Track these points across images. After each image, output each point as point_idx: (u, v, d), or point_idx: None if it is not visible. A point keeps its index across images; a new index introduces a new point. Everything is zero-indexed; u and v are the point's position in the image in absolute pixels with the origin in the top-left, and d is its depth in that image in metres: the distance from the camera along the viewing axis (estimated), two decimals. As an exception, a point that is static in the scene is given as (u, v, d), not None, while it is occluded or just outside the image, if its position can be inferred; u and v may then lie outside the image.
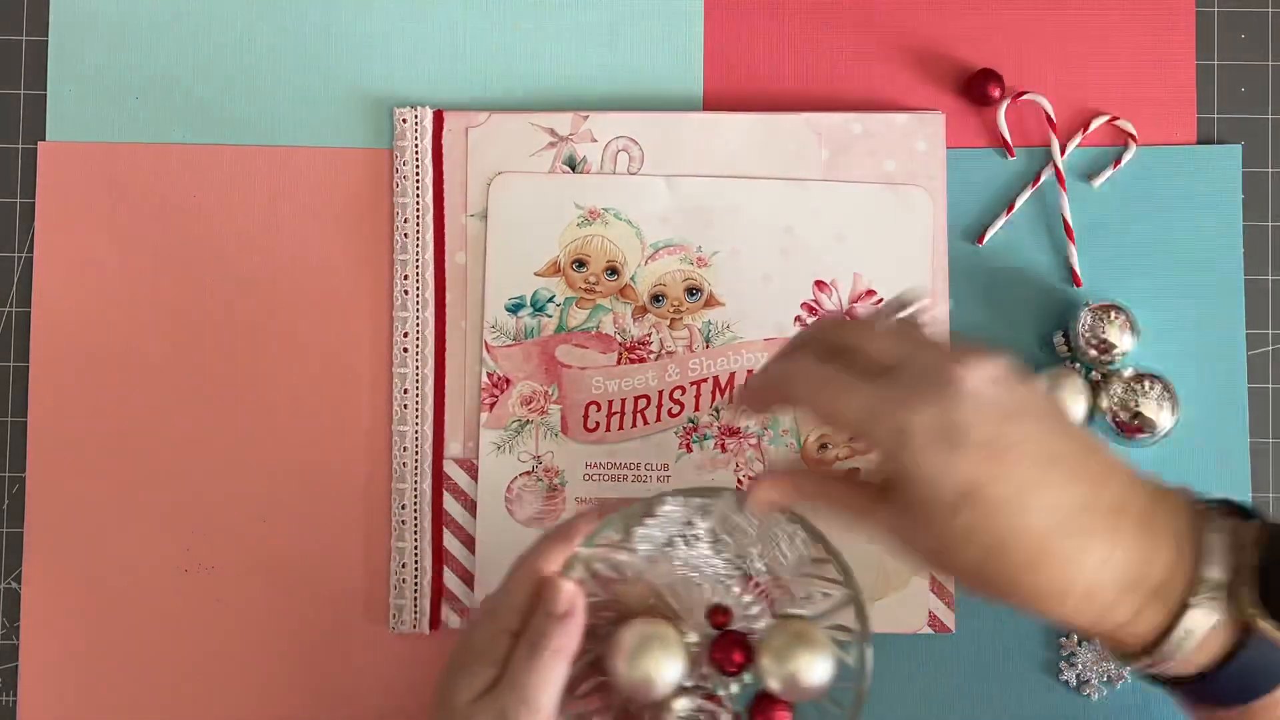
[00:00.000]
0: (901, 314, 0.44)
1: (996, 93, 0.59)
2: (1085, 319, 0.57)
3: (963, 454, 0.38)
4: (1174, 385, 0.57)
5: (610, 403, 0.59)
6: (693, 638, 0.45)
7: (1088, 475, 0.39)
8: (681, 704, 0.44)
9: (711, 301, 0.59)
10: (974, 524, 0.38)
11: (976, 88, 0.59)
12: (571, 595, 0.44)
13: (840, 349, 0.42)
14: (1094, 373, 0.57)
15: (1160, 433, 0.57)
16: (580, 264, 0.59)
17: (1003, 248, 0.60)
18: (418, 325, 0.59)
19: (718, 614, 0.45)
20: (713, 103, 0.61)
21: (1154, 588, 0.39)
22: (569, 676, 0.44)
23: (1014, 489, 0.38)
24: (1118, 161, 0.60)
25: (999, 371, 0.40)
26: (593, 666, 0.45)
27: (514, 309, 0.59)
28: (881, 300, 0.59)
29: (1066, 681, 0.58)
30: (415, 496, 0.59)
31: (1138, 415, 0.56)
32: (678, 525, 0.46)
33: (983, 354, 0.40)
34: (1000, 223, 0.60)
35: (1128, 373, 0.57)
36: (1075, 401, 0.56)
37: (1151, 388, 0.56)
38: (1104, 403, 0.57)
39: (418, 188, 0.60)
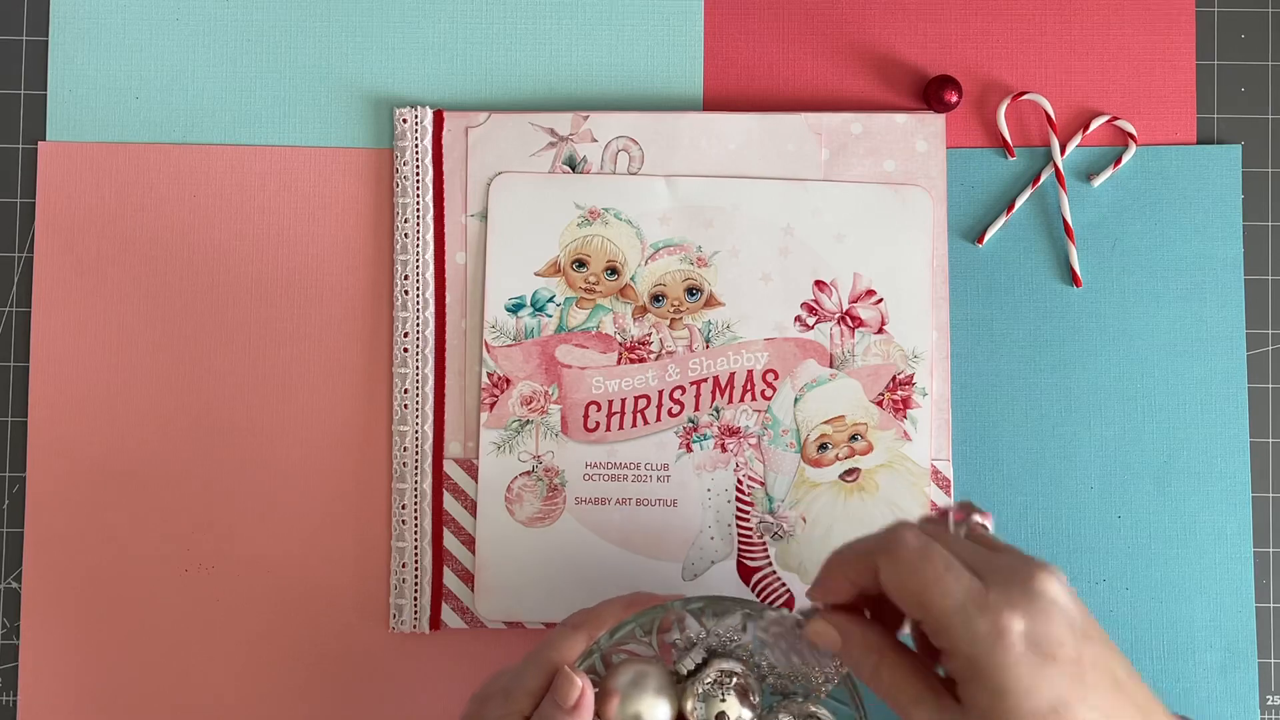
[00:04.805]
0: (967, 523, 0.44)
1: (954, 99, 0.59)
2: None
3: (1055, 669, 0.38)
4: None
5: (610, 403, 0.59)
6: None
7: (1139, 706, 0.39)
8: None
9: (711, 301, 0.59)
10: None
11: (933, 94, 0.59)
12: (581, 690, 0.45)
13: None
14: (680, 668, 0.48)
15: None
16: (580, 264, 0.59)
17: (1003, 248, 0.60)
18: (418, 325, 0.59)
19: None
20: (713, 103, 0.61)
21: None
22: None
23: (1100, 713, 0.38)
24: (1118, 161, 0.60)
25: (1067, 583, 0.40)
26: None
27: (514, 309, 0.59)
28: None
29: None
30: (415, 496, 0.59)
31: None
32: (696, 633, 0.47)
33: (1046, 564, 0.40)
34: (1000, 223, 0.60)
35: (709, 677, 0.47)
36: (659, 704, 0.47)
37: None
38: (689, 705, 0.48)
39: (418, 188, 0.60)
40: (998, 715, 0.38)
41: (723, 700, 0.46)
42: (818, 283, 0.59)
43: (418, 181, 0.60)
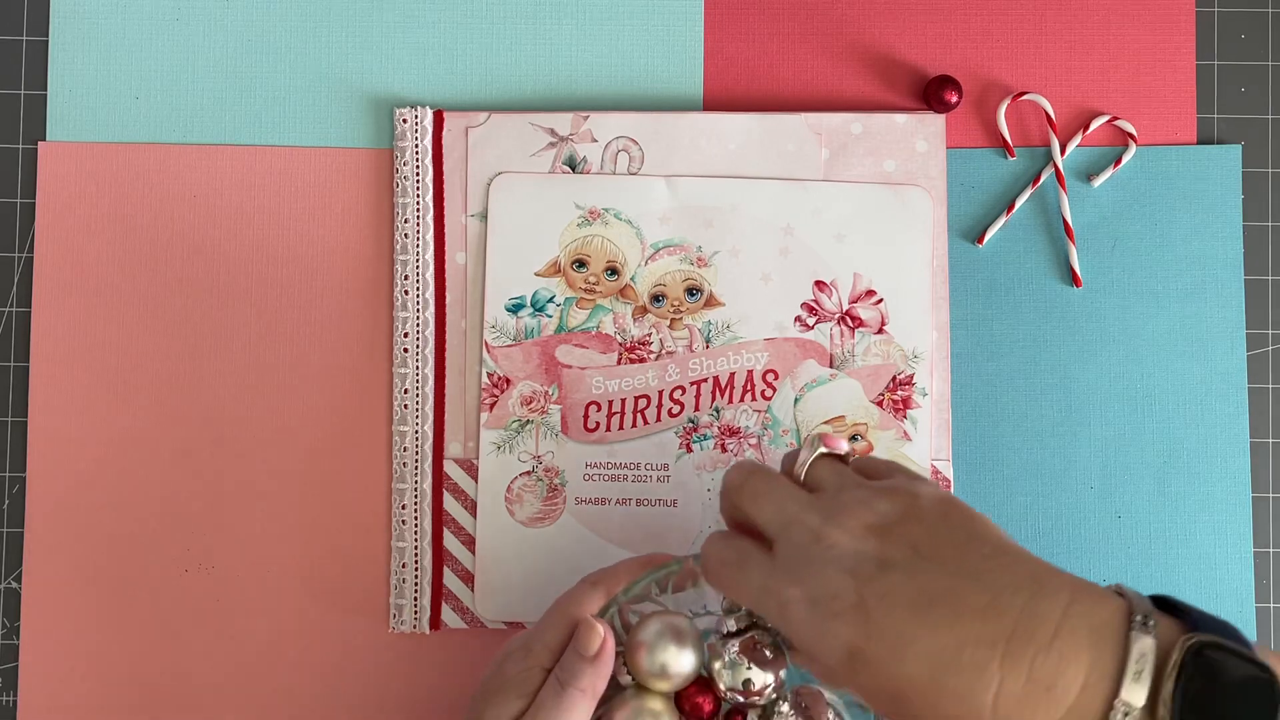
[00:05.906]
0: (810, 458, 0.45)
1: (954, 99, 0.59)
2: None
3: (838, 621, 0.39)
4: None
5: (610, 403, 0.59)
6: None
7: (972, 608, 0.38)
8: None
9: (711, 301, 0.59)
10: (867, 680, 0.39)
11: (933, 94, 0.59)
12: (603, 639, 0.46)
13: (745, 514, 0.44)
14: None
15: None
16: (580, 264, 0.59)
17: (1003, 248, 0.60)
18: (418, 325, 0.59)
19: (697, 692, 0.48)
20: (713, 103, 0.61)
21: (1068, 709, 0.36)
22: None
23: (890, 643, 0.38)
24: (1118, 161, 0.60)
25: (877, 518, 0.41)
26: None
27: (514, 309, 0.59)
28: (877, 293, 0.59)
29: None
30: (415, 496, 0.59)
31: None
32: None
33: (871, 498, 0.41)
34: (1000, 223, 0.60)
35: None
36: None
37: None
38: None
39: (418, 188, 0.60)
40: (818, 672, 0.41)
41: (749, 668, 0.47)
42: (818, 283, 0.59)
43: (418, 181, 0.60)
